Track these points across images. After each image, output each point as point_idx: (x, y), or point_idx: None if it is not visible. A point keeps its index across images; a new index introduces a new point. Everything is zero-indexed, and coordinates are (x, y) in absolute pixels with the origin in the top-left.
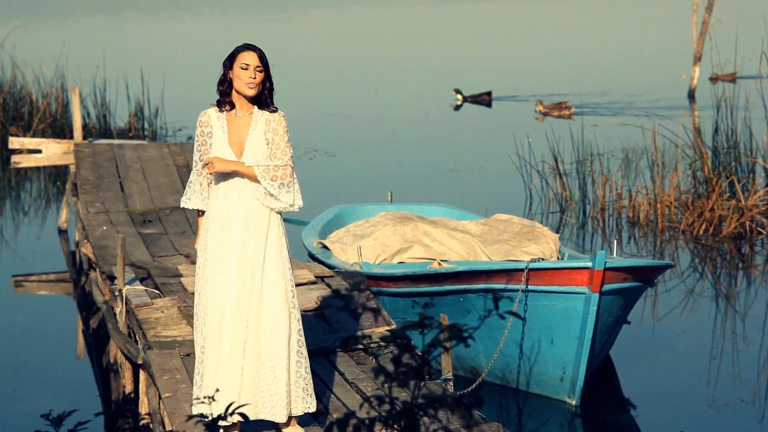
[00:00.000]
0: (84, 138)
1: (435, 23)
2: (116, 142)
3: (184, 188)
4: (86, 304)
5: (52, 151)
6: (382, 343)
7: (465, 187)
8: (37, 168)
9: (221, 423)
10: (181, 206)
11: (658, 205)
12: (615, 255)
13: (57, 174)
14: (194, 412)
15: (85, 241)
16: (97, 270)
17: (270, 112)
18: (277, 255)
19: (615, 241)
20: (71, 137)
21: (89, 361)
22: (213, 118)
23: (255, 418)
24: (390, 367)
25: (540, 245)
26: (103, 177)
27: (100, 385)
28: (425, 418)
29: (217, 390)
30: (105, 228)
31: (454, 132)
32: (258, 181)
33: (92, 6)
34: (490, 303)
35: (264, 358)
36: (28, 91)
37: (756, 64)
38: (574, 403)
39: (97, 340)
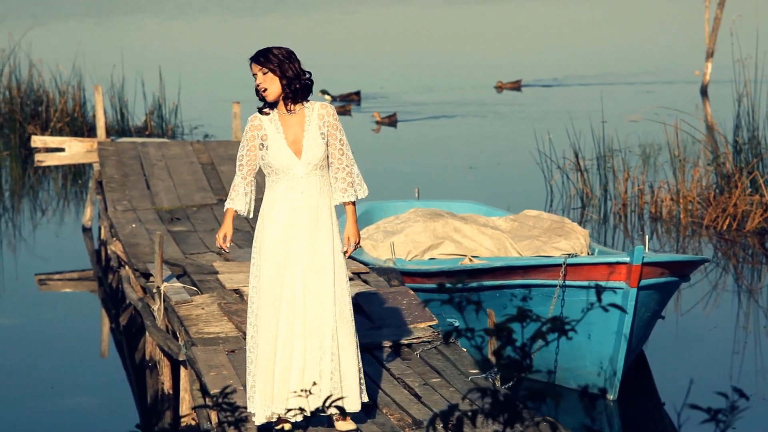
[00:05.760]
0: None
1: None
2: (139, 140)
3: (210, 186)
4: (114, 301)
5: (75, 150)
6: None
7: (485, 184)
8: (56, 167)
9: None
10: (226, 208)
11: (681, 201)
12: (646, 250)
13: (76, 173)
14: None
15: (114, 239)
16: (129, 268)
17: (320, 105)
18: (338, 245)
19: (647, 237)
20: (89, 135)
21: (119, 359)
22: (265, 120)
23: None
24: (435, 363)
25: (570, 241)
26: (128, 175)
27: (134, 383)
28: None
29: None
30: (134, 226)
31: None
32: (320, 174)
33: (107, 6)
34: (527, 299)
35: (333, 350)
36: (45, 90)
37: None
38: (611, 398)
39: (128, 338)
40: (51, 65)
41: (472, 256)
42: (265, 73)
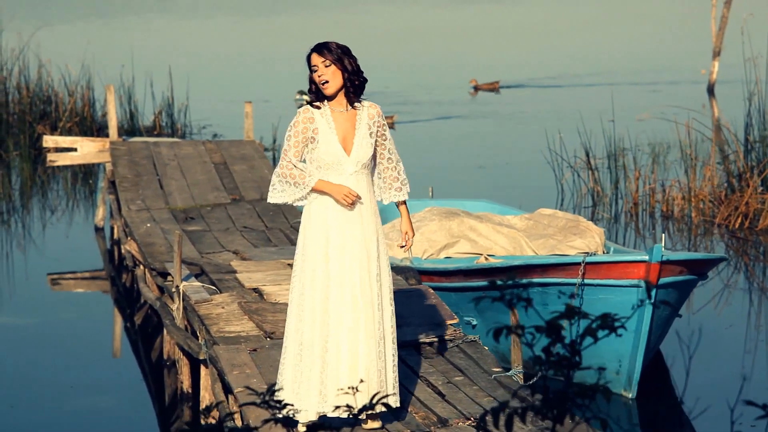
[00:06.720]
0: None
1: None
2: (151, 140)
3: (223, 185)
4: (128, 301)
5: (87, 150)
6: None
7: (495, 183)
8: (65, 167)
9: (302, 420)
10: (270, 201)
11: (693, 199)
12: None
13: (85, 172)
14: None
15: (128, 238)
16: (144, 267)
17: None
18: (384, 245)
19: (663, 236)
20: (98, 135)
21: (135, 358)
22: (316, 114)
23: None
24: (457, 361)
25: (585, 239)
26: (141, 175)
27: (151, 382)
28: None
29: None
30: (149, 225)
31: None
32: (367, 173)
33: (116, 6)
34: (546, 297)
35: (383, 346)
36: (55, 90)
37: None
38: (630, 396)
39: (143, 337)
40: (60, 65)
41: (488, 255)
42: (327, 66)
